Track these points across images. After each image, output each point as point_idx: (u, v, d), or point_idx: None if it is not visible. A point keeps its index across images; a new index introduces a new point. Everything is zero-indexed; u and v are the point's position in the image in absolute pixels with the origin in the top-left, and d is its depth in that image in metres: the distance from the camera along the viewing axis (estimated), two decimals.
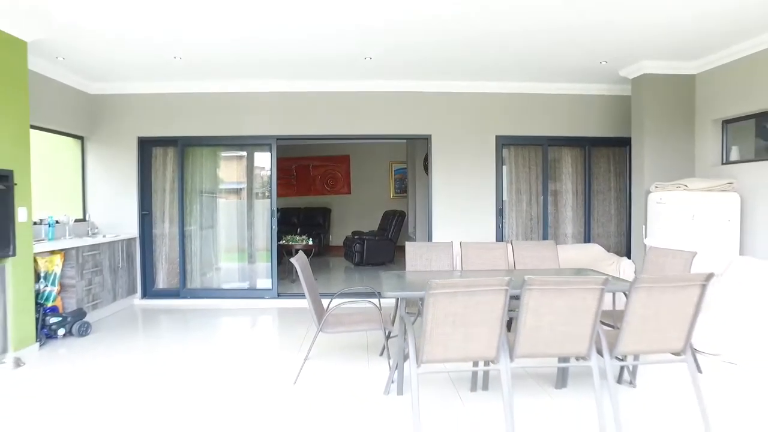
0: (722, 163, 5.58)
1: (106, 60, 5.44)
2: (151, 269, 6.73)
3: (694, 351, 3.37)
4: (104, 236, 6.04)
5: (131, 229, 6.55)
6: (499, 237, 6.68)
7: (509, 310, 2.83)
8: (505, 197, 6.87)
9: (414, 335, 2.91)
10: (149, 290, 6.69)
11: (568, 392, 3.49)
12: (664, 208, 5.31)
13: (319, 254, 10.13)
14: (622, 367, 3.63)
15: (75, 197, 6.48)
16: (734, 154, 5.49)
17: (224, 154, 6.99)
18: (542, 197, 6.87)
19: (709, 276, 2.88)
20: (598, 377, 2.85)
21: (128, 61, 5.52)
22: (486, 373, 3.53)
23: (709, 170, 5.68)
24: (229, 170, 7.07)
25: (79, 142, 6.50)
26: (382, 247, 9.28)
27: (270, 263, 6.72)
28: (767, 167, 4.94)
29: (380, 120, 6.67)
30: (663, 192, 5.39)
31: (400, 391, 3.43)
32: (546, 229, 6.87)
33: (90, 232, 6.20)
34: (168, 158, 6.73)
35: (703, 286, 2.88)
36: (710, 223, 5.09)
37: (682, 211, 5.10)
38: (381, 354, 4.27)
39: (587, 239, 6.91)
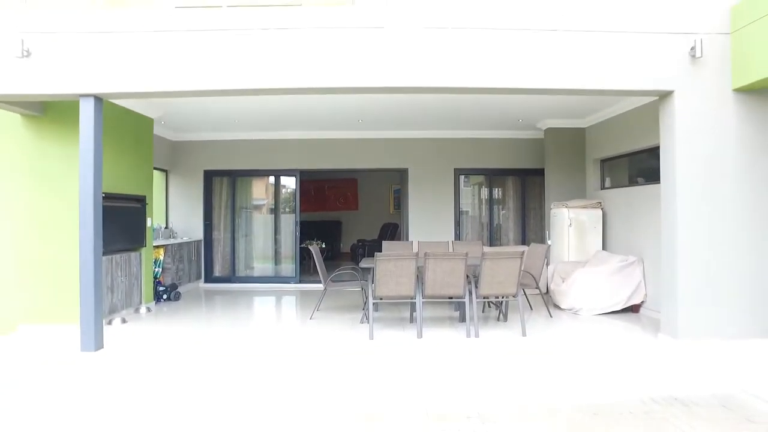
0: (600, 189, 8.22)
1: (190, 121, 8.36)
2: (210, 262, 9.57)
3: (524, 291, 6.04)
4: (182, 238, 8.93)
5: (198, 233, 9.43)
6: (458, 238, 9.36)
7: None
8: (465, 209, 9.60)
9: (371, 286, 5.66)
10: (210, 276, 9.53)
11: (464, 325, 6.17)
12: (555, 219, 7.98)
13: (332, 258, 12.89)
14: (498, 307, 6.31)
15: (161, 211, 9.38)
16: (607, 183, 8.14)
17: (261, 181, 9.85)
18: (488, 211, 9.59)
19: (522, 252, 5.57)
20: (470, 307, 5.52)
21: (203, 121, 8.41)
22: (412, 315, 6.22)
23: (592, 194, 8.32)
24: (266, 193, 9.93)
25: (164, 173, 9.43)
26: (379, 249, 11.98)
27: (294, 260, 9.52)
28: (619, 192, 7.56)
29: (374, 157, 9.48)
30: (555, 209, 8.06)
31: (365, 321, 6.16)
32: (492, 234, 9.57)
33: (172, 236, 9.07)
34: (223, 185, 9.63)
35: (521, 258, 5.55)
36: (583, 229, 7.73)
37: (564, 221, 7.75)
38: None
39: (523, 242, 9.55)
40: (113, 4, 5.73)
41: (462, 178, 9.60)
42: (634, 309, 6.79)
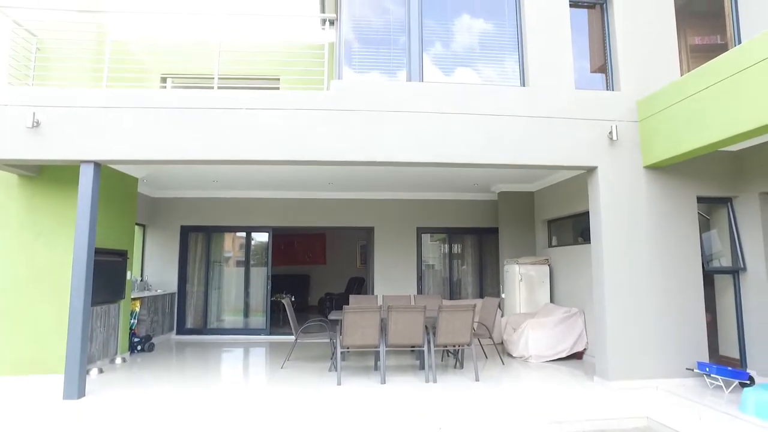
0: (548, 247, 9.11)
1: (171, 180, 8.94)
2: (184, 314, 9.89)
3: (479, 341, 6.67)
4: (157, 291, 9.28)
5: (172, 286, 9.79)
6: (420, 291, 10.02)
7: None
8: (427, 264, 10.31)
9: (339, 336, 6.21)
10: (183, 328, 9.81)
11: (424, 372, 6.73)
12: (508, 274, 8.78)
13: (300, 311, 13.28)
14: (455, 355, 6.91)
15: (137, 264, 9.74)
16: (553, 242, 9.05)
17: (235, 237, 10.38)
18: (448, 266, 10.33)
19: (475, 305, 6.27)
20: (428, 356, 6.12)
21: (184, 180, 9.00)
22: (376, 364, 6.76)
23: (541, 251, 9.20)
24: (239, 248, 10.43)
25: (143, 228, 9.87)
26: (347, 302, 12.49)
27: (265, 312, 9.93)
28: (564, 250, 8.44)
29: (342, 216, 10.19)
30: (508, 265, 8.87)
31: (334, 368, 6.65)
32: (452, 287, 10.27)
33: (146, 288, 9.41)
34: (199, 240, 10.11)
35: (474, 310, 6.24)
36: (533, 283, 8.53)
37: (515, 276, 8.54)
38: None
39: (481, 295, 10.27)
40: (114, 80, 6.44)
41: (424, 235, 10.37)
42: (577, 356, 7.50)
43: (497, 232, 9.94)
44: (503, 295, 9.01)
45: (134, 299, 8.17)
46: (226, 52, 8.45)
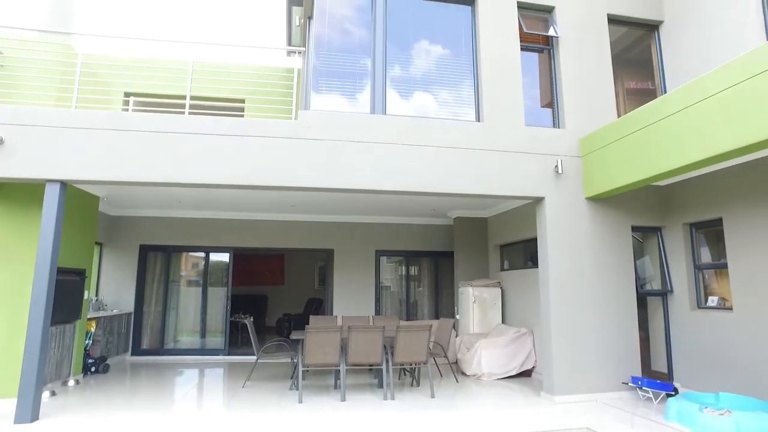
0: (500, 270, 9.62)
1: (132, 199, 8.92)
2: (140, 334, 9.74)
3: (435, 360, 7.01)
4: (113, 311, 9.14)
5: (129, 306, 9.66)
6: (378, 312, 10.30)
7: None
8: (385, 286, 10.62)
9: (301, 355, 6.41)
10: (138, 349, 9.66)
11: (382, 390, 6.98)
12: (462, 296, 9.21)
13: (258, 331, 13.22)
14: (411, 374, 7.21)
15: (92, 283, 9.56)
16: (505, 265, 9.58)
17: (195, 257, 10.38)
18: (406, 288, 10.69)
19: (431, 325, 6.62)
20: (386, 374, 6.40)
21: (145, 199, 9.00)
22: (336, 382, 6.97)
23: (494, 274, 9.71)
24: (198, 268, 10.43)
25: (99, 246, 9.73)
26: (304, 323, 12.59)
27: (224, 333, 9.93)
28: (515, 274, 8.96)
29: (303, 238, 10.40)
30: (462, 287, 9.31)
31: (295, 387, 6.81)
32: (409, 309, 10.61)
33: (101, 308, 9.25)
34: (158, 259, 10.06)
35: (430, 330, 6.59)
36: (486, 305, 8.99)
37: (469, 298, 8.98)
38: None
39: (437, 316, 10.65)
40: (81, 101, 6.51)
41: (382, 258, 10.71)
42: (527, 373, 7.95)
43: (452, 256, 10.40)
44: (458, 316, 9.42)
45: (90, 319, 8.05)
46: (193, 74, 8.65)
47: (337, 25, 6.77)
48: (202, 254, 10.35)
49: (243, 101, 10.07)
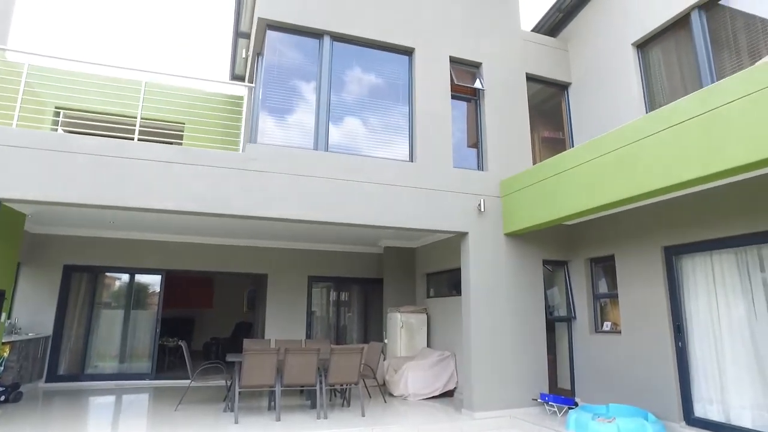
0: (426, 298, 10.29)
1: (59, 218, 8.68)
2: (59, 359, 9.31)
3: (364, 381, 7.45)
4: (28, 334, 8.73)
5: (47, 329, 9.24)
6: (308, 336, 10.56)
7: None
8: (316, 311, 10.93)
9: (237, 377, 6.60)
10: (54, 375, 9.22)
11: (315, 410, 7.28)
12: (391, 321, 9.75)
13: (182, 356, 12.95)
14: (342, 394, 7.57)
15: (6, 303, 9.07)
16: (431, 293, 10.26)
17: (124, 277, 10.16)
18: (336, 313, 11.07)
19: (363, 348, 7.07)
20: (320, 394, 6.73)
21: (72, 219, 8.77)
22: (270, 403, 7.19)
23: (420, 301, 10.36)
24: (126, 289, 10.20)
25: (16, 265, 9.28)
26: (233, 347, 12.54)
27: (151, 357, 9.74)
28: (439, 301, 9.65)
29: (238, 262, 10.52)
30: (390, 313, 9.86)
31: (231, 409, 6.94)
32: (339, 333, 10.97)
33: (14, 331, 8.79)
34: (83, 280, 9.74)
35: (362, 352, 7.03)
36: (412, 330, 9.58)
37: (397, 323, 9.54)
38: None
39: (365, 340, 11.08)
40: (7, 111, 6.43)
41: (314, 284, 11.05)
42: (449, 393, 8.56)
43: (382, 283, 10.95)
44: (386, 340, 9.92)
45: (4, 343, 7.69)
46: (133, 93, 8.72)
47: (285, 63, 7.23)
48: (130, 276, 10.16)
49: (183, 124, 10.20)
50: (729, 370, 5.53)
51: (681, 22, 7.02)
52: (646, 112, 7.13)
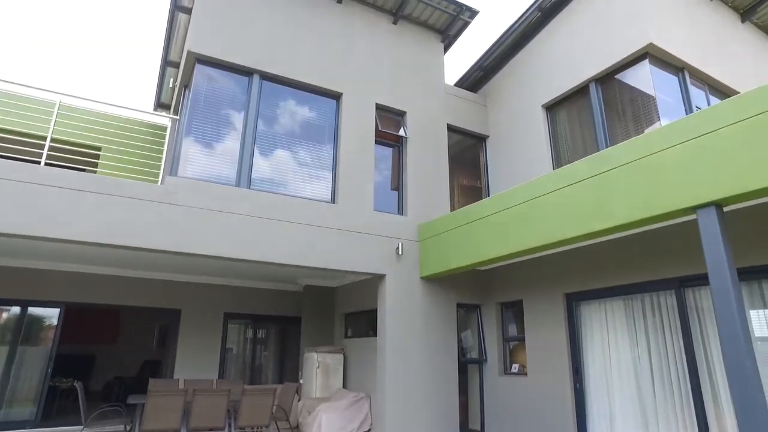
0: (344, 338, 10.27)
1: None
2: None
3: (277, 423, 7.25)
4: None
5: None
6: (221, 376, 10.12)
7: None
8: (231, 349, 10.53)
9: (138, 421, 6.20)
10: None
11: None
12: (307, 361, 9.61)
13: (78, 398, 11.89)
14: None
15: None
16: (349, 333, 10.26)
17: (14, 309, 9.28)
18: (251, 352, 10.74)
19: (275, 389, 6.92)
20: None
21: None
22: None
23: (338, 341, 10.32)
24: (15, 324, 9.30)
25: None
26: (139, 387, 11.69)
27: (37, 400, 8.82)
28: (357, 341, 9.66)
29: (148, 296, 10.00)
30: (307, 353, 9.74)
31: None
32: (254, 372, 10.62)
33: None
34: None
35: (274, 393, 6.87)
36: (329, 370, 9.48)
37: (314, 363, 9.42)
38: None
39: (281, 380, 10.79)
40: None
41: (230, 321, 10.70)
42: None
43: (299, 322, 10.81)
44: (302, 381, 9.73)
45: None
46: (46, 113, 8.26)
47: (212, 98, 7.21)
48: (21, 308, 9.29)
49: (99, 149, 9.74)
50: (617, 406, 6.00)
51: (582, 91, 7.84)
52: (553, 168, 7.80)
